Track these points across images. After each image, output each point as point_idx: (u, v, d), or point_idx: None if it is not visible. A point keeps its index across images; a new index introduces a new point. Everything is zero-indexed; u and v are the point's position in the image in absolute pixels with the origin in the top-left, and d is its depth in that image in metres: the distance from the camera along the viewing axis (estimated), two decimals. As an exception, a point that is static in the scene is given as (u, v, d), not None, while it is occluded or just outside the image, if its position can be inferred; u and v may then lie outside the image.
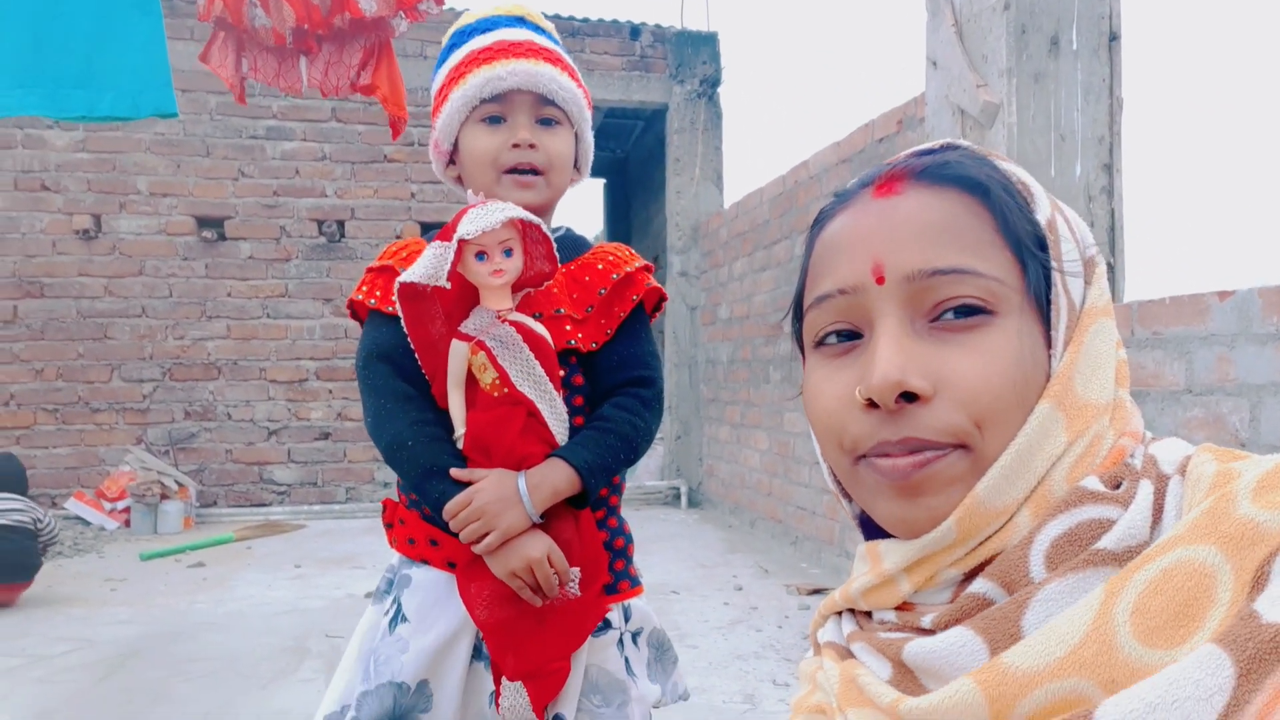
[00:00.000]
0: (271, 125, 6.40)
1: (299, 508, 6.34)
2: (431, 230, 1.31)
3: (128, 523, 5.78)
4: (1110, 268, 2.68)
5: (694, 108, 7.04)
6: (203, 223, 6.31)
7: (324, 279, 6.47)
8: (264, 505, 6.35)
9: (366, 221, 6.52)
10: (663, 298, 1.34)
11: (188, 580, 4.45)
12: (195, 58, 6.06)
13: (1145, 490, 0.50)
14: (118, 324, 6.19)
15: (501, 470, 1.16)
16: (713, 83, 7.10)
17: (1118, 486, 0.51)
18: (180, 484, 5.97)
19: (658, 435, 7.23)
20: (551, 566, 1.16)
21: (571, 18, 6.90)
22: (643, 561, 1.35)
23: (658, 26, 7.11)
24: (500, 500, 1.14)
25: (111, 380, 6.19)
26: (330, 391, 6.49)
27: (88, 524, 5.78)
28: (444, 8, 2.41)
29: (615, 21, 7.03)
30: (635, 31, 7.05)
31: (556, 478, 1.17)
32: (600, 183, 11.28)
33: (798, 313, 0.62)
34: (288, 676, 3.02)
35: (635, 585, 1.32)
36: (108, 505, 5.85)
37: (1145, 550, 0.46)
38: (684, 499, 6.72)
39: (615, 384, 1.27)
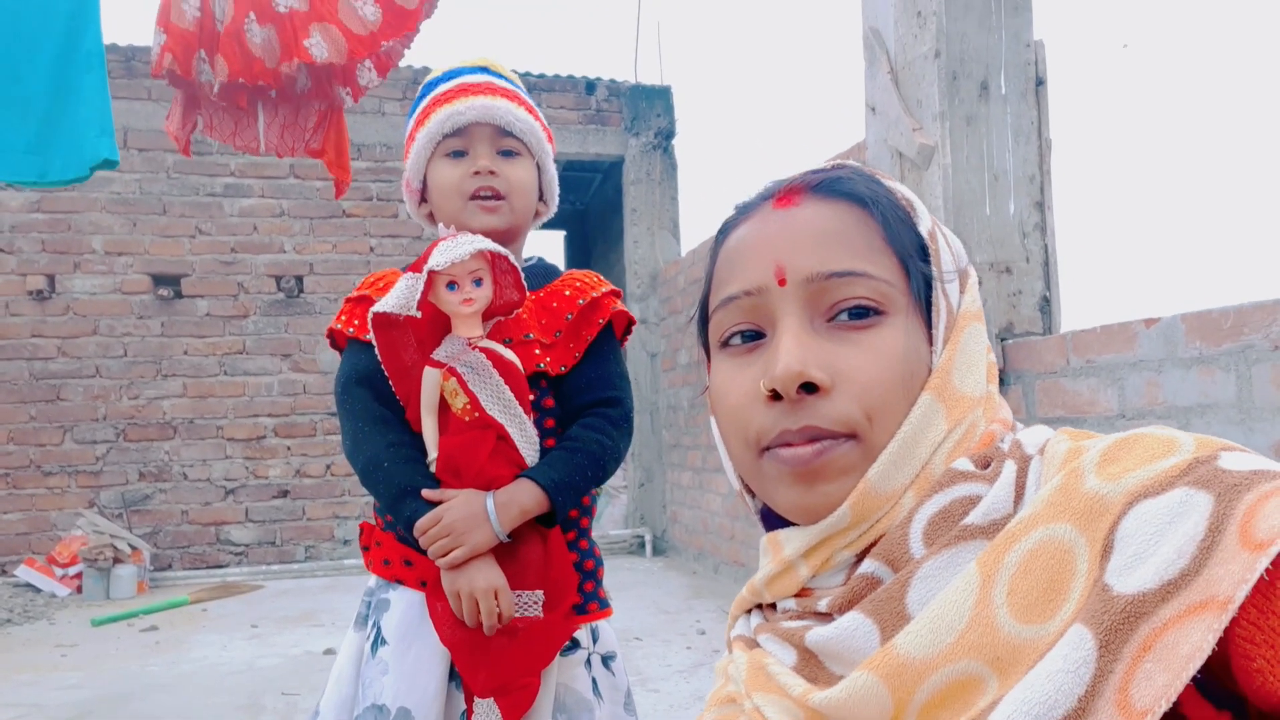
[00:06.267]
0: (229, 183, 6.41)
1: (257, 568, 6.22)
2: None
3: (79, 589, 5.63)
4: (1046, 300, 2.77)
5: (649, 159, 7.17)
6: (159, 280, 6.27)
7: (282, 334, 6.44)
8: (221, 566, 6.22)
9: (325, 276, 6.53)
10: (631, 321, 1.39)
11: (140, 644, 4.33)
12: (152, 117, 6.11)
13: (1009, 469, 0.54)
14: (70, 385, 6.10)
15: (471, 490, 1.20)
16: (667, 135, 7.25)
17: (987, 466, 0.56)
18: (134, 547, 5.83)
19: (622, 484, 7.09)
20: (496, 601, 1.17)
21: (528, 73, 7.03)
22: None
23: (612, 81, 7.26)
24: (468, 518, 1.17)
25: (64, 442, 6.07)
26: (289, 448, 6.42)
27: (38, 591, 5.62)
28: (384, 78, 2.49)
29: (571, 76, 7.18)
30: (591, 86, 7.20)
31: (524, 497, 1.20)
32: (561, 234, 11.39)
33: (703, 317, 0.66)
34: (242, 735, 2.95)
35: (604, 607, 1.35)
36: (59, 571, 5.69)
37: (1009, 525, 0.50)
38: (649, 547, 6.69)
39: (584, 404, 1.31)
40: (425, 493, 1.20)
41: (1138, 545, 0.43)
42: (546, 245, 13.33)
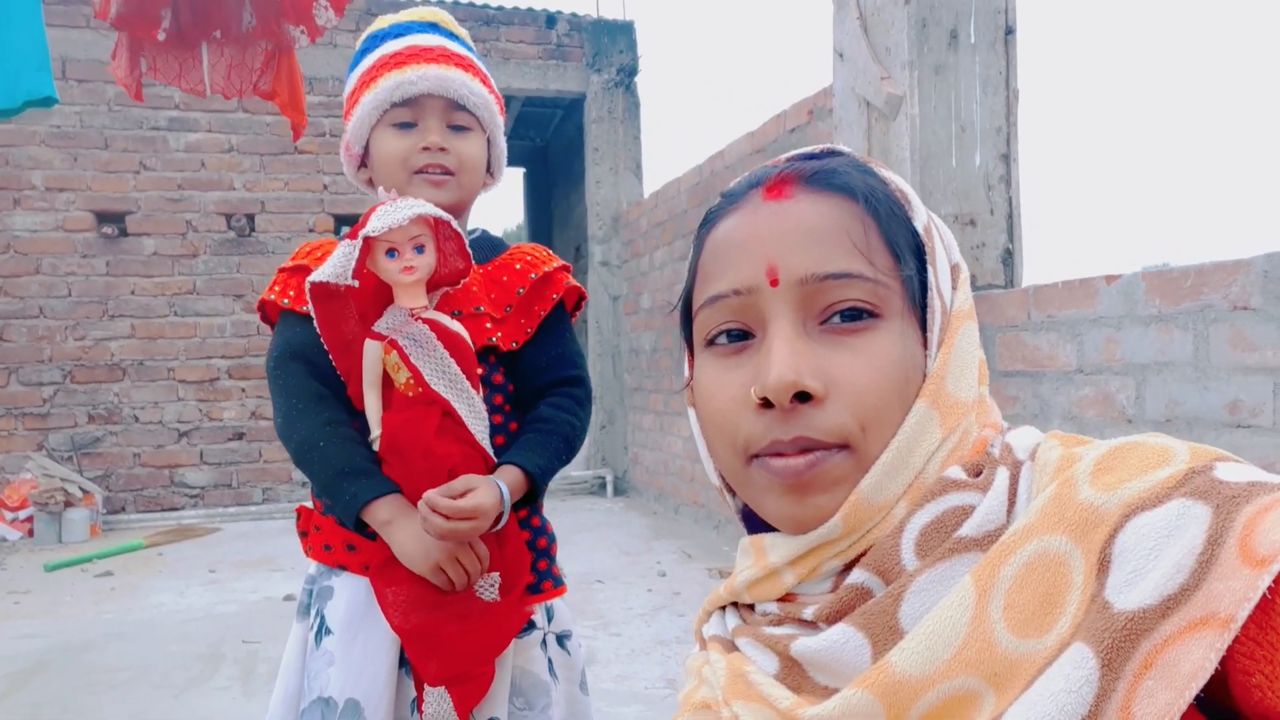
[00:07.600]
0: (174, 116, 6.17)
1: (213, 510, 6.16)
2: (345, 223, 1.30)
3: (30, 533, 5.54)
4: (1009, 253, 2.78)
5: (612, 97, 7.03)
6: (102, 218, 6.06)
7: (234, 274, 6.28)
8: (176, 510, 6.16)
9: (277, 215, 6.36)
10: (582, 297, 1.34)
11: (95, 590, 4.29)
12: (91, 46, 5.84)
13: (1002, 477, 0.53)
14: (14, 326, 5.91)
15: (483, 476, 1.16)
16: (630, 72, 7.10)
17: (979, 474, 0.54)
18: (85, 490, 5.74)
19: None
20: (474, 553, 1.15)
21: (486, 5, 6.82)
22: (568, 551, 1.34)
23: (574, 15, 7.07)
24: (496, 505, 1.13)
25: (9, 384, 5.91)
26: (243, 390, 6.31)
27: (-13, 535, 5.53)
28: (342, 18, 2.37)
29: (530, 10, 6.98)
30: (551, 20, 7.01)
31: (518, 486, 1.18)
32: (520, 172, 11.18)
33: (686, 311, 0.62)
34: (202, 684, 2.95)
35: (558, 585, 1.31)
36: (9, 515, 5.59)
37: (1003, 537, 0.48)
38: (610, 488, 6.74)
39: (546, 384, 1.27)
40: (442, 490, 1.11)
41: (1137, 560, 0.43)
42: (506, 184, 13.09)
